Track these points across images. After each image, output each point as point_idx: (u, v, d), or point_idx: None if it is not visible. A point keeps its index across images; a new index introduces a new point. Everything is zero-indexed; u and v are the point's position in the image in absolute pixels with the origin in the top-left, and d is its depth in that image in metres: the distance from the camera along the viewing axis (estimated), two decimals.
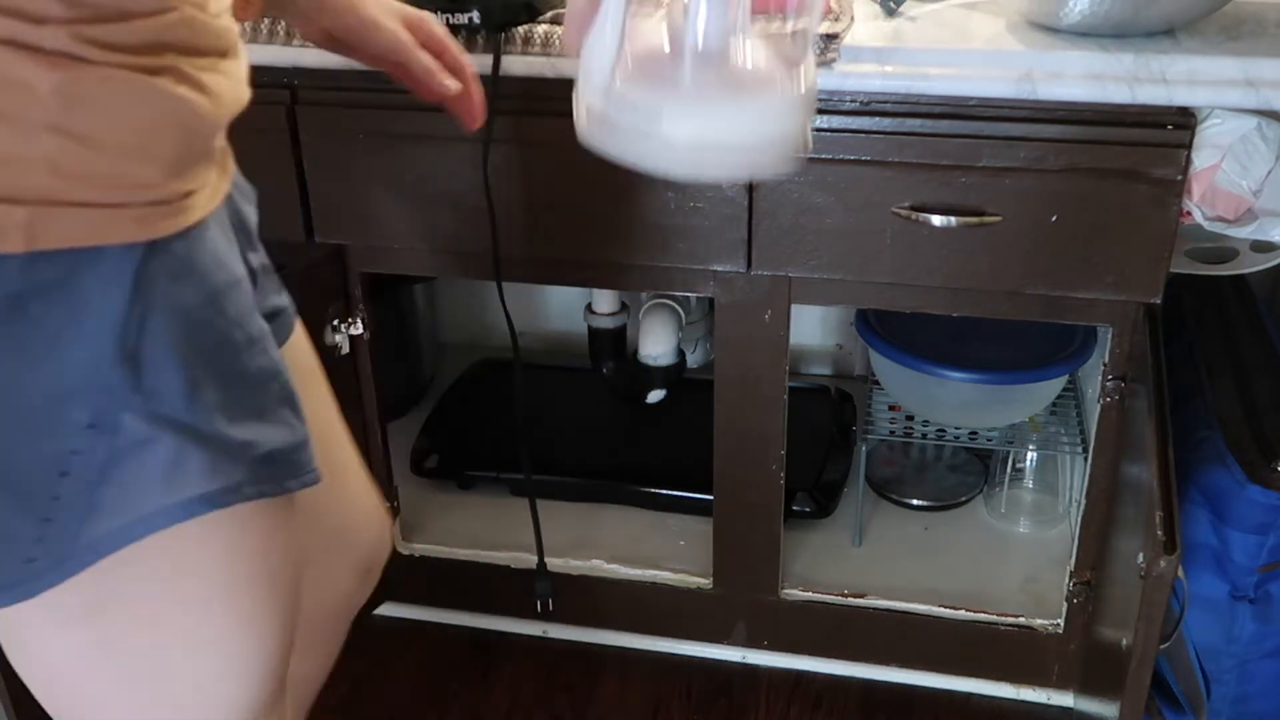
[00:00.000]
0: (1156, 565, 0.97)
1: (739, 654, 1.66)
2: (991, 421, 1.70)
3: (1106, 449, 1.40)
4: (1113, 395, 1.36)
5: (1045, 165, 1.23)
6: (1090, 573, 1.46)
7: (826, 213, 1.30)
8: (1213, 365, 1.50)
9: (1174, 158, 1.20)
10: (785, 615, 1.60)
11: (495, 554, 1.66)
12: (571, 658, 1.67)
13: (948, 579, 1.62)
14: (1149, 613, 0.99)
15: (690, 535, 1.69)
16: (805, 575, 1.62)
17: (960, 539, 1.72)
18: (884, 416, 1.74)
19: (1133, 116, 1.19)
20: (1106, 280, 1.27)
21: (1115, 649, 1.15)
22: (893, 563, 1.66)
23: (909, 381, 1.61)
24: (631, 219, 1.35)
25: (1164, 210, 1.22)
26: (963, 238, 1.27)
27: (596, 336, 1.83)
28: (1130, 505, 1.20)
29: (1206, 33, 1.23)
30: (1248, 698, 1.43)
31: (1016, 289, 1.31)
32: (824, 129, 1.26)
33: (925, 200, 1.26)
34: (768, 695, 1.62)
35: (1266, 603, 1.37)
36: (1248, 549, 1.34)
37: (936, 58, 1.20)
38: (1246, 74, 1.15)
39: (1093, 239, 1.25)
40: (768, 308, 1.38)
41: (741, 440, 1.48)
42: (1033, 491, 1.78)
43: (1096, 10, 1.17)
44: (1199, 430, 1.41)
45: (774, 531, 1.54)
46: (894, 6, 1.31)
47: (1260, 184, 1.24)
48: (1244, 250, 1.37)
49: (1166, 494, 1.02)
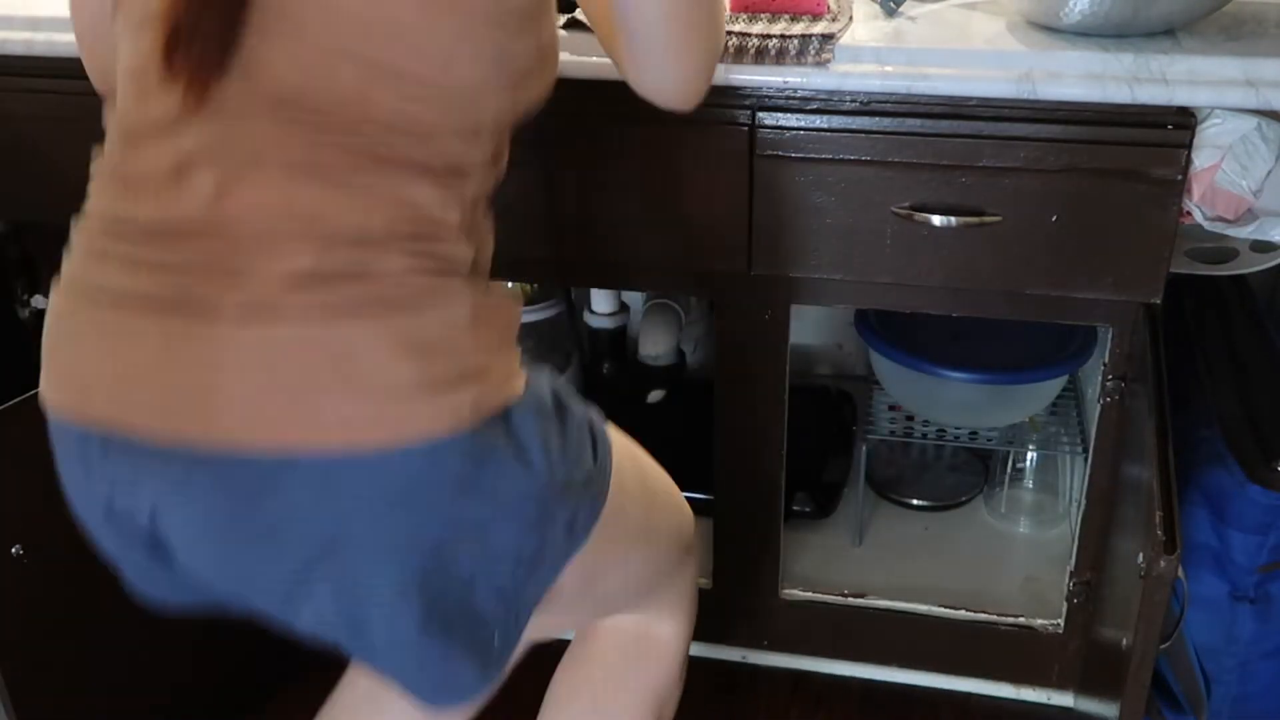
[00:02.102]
0: (1156, 565, 0.97)
1: (739, 654, 1.66)
2: (991, 421, 1.70)
3: (1106, 449, 1.40)
4: (1113, 395, 1.36)
5: (1045, 165, 1.23)
6: (1090, 573, 1.46)
7: (826, 213, 1.29)
8: (1213, 365, 1.50)
9: (1174, 158, 1.20)
10: (785, 615, 1.60)
11: None
12: None
13: (948, 579, 1.62)
14: (1149, 613, 0.99)
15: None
16: (805, 575, 1.62)
17: (960, 539, 1.72)
18: (884, 416, 1.74)
19: (1133, 116, 1.19)
20: (1106, 280, 1.27)
21: (1115, 649, 1.15)
22: (893, 563, 1.66)
23: (909, 381, 1.61)
24: (631, 219, 1.35)
25: (1164, 210, 1.22)
26: (963, 238, 1.27)
27: (596, 336, 1.83)
28: (1130, 505, 1.20)
29: (1206, 33, 1.23)
30: (1248, 698, 1.42)
31: (1016, 289, 1.30)
32: (824, 129, 1.26)
33: (925, 200, 1.26)
34: (768, 695, 1.62)
35: (1266, 603, 1.36)
36: (1248, 549, 1.34)
37: (936, 58, 1.20)
38: (1246, 74, 1.15)
39: (1093, 239, 1.25)
40: (768, 308, 1.38)
41: (741, 440, 1.48)
42: (1033, 491, 1.78)
43: (1096, 10, 1.17)
44: (1199, 430, 1.41)
45: (774, 531, 1.54)
46: (894, 6, 1.31)
47: (1260, 184, 1.24)
48: (1244, 250, 1.37)
49: (1166, 494, 1.02)
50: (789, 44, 1.20)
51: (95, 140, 0.89)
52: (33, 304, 1.62)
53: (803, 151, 1.27)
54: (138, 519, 0.84)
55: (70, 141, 1.41)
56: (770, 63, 1.21)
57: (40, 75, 1.40)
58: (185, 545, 0.85)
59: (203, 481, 0.80)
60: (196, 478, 0.80)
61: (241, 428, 0.78)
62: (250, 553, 0.83)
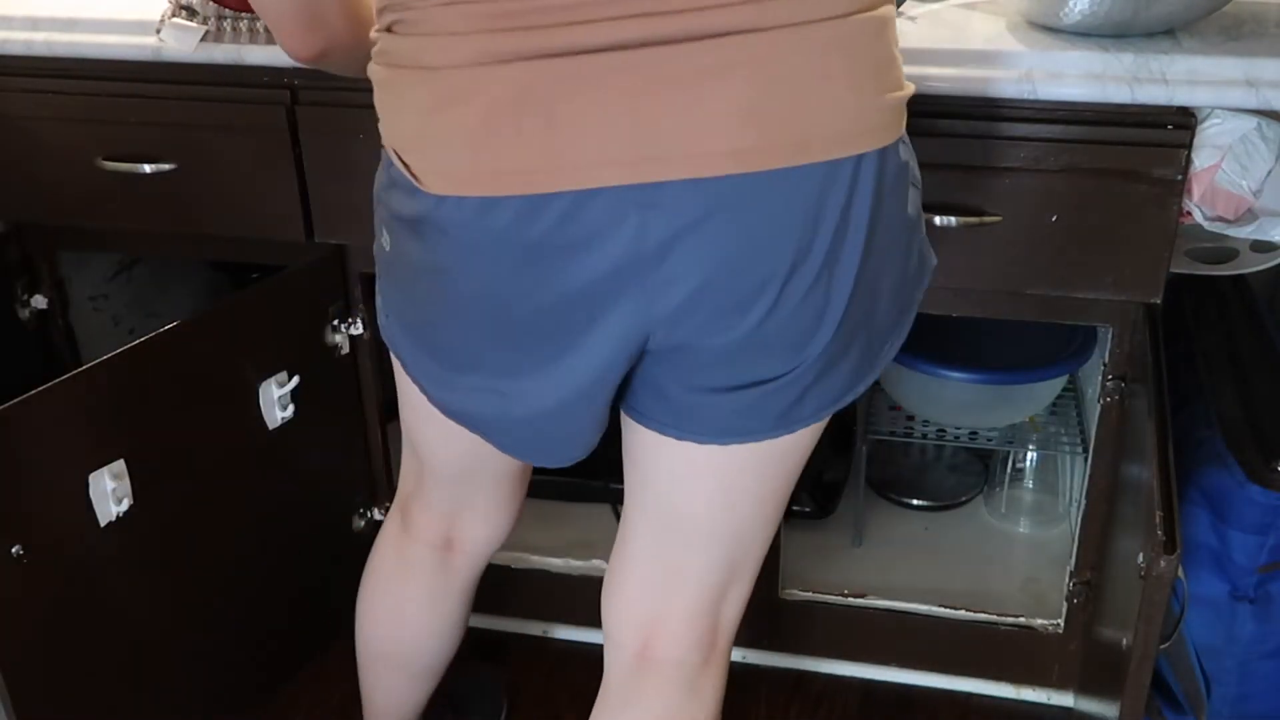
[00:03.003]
0: (1156, 565, 0.97)
1: (739, 654, 1.66)
2: (991, 421, 1.69)
3: (1106, 449, 1.40)
4: (1113, 395, 1.36)
5: (1045, 165, 1.22)
6: (1090, 573, 1.46)
7: None
8: (1213, 365, 1.50)
9: (1174, 158, 1.20)
10: (785, 615, 1.60)
11: (496, 554, 1.66)
12: (572, 658, 1.67)
13: (948, 579, 1.62)
14: (1149, 613, 0.99)
15: None
16: (805, 575, 1.62)
17: (960, 539, 1.72)
18: (884, 416, 1.74)
19: (1133, 116, 1.19)
20: (1106, 280, 1.27)
21: (1115, 649, 1.15)
22: (893, 563, 1.66)
23: (909, 381, 1.61)
24: None
25: (1164, 210, 1.22)
26: (963, 238, 1.27)
27: None
28: (1130, 505, 1.20)
29: (1206, 33, 1.23)
30: (1248, 698, 1.42)
31: (1016, 289, 1.30)
32: None
33: (925, 200, 1.26)
34: (768, 695, 1.62)
35: (1266, 603, 1.36)
36: (1248, 549, 1.34)
37: (936, 58, 1.20)
38: (1246, 74, 1.15)
39: (1093, 239, 1.25)
40: None
41: None
42: (1033, 491, 1.78)
43: (1096, 10, 1.17)
44: (1199, 430, 1.41)
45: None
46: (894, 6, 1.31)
47: (1260, 184, 1.24)
48: (1244, 250, 1.37)
49: (1166, 494, 1.02)
50: None
51: (95, 140, 0.88)
52: (33, 304, 1.62)
53: None
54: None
55: (70, 141, 1.42)
56: None
57: (40, 75, 1.40)
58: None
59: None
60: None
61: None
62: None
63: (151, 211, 1.45)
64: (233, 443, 1.42)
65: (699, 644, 1.10)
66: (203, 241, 1.51)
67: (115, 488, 1.25)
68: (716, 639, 1.11)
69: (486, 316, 0.91)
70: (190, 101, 1.38)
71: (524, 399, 0.94)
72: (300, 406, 1.45)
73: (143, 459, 1.28)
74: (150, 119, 1.40)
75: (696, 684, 1.11)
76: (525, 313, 0.88)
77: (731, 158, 0.80)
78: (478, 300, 0.90)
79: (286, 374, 1.44)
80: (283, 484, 1.50)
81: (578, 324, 0.88)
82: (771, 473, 1.03)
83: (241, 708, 1.54)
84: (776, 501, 1.07)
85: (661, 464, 1.02)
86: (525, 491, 1.27)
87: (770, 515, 1.07)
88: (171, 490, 1.33)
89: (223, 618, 1.46)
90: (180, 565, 1.38)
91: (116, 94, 1.39)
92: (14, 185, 1.48)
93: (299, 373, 1.44)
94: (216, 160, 1.39)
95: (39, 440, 1.19)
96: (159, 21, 1.34)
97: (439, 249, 0.89)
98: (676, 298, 0.85)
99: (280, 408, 1.44)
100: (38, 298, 1.62)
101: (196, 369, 1.35)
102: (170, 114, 1.39)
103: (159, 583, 1.36)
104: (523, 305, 0.88)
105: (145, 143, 1.40)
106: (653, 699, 1.10)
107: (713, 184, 0.81)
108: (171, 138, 1.40)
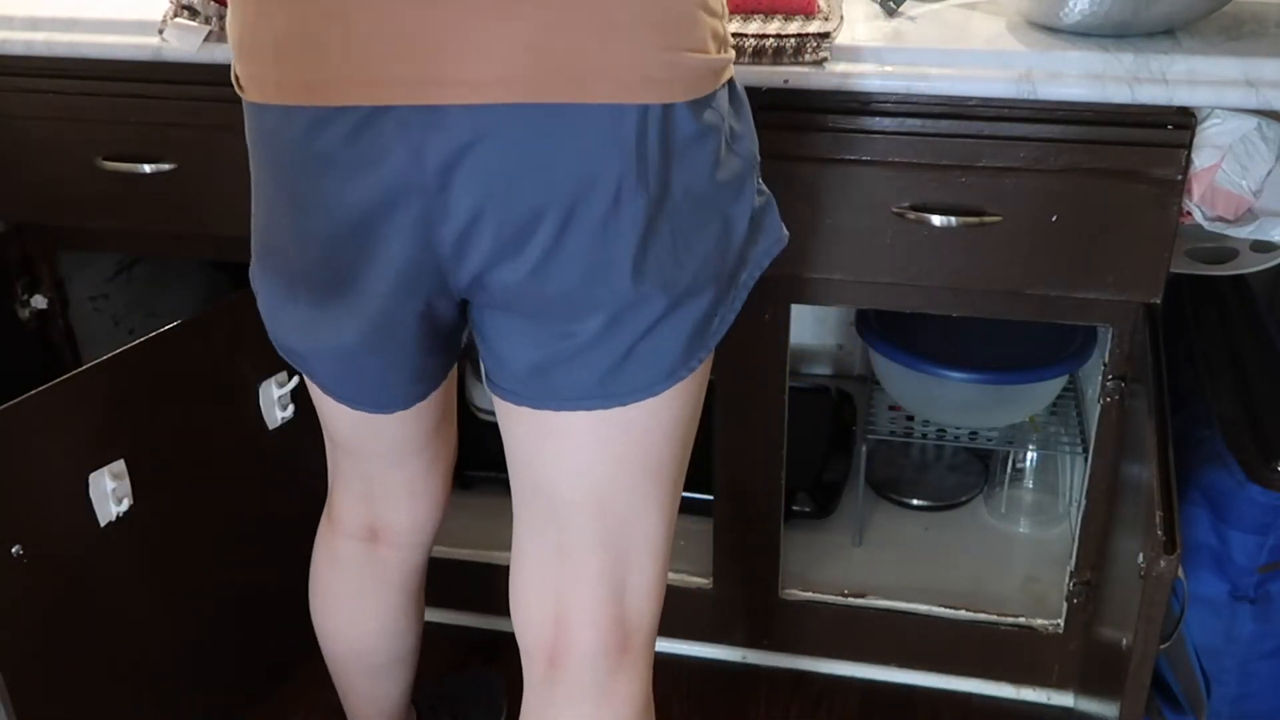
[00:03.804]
0: (1156, 565, 0.97)
1: (739, 654, 1.66)
2: (991, 421, 1.70)
3: (1106, 449, 1.40)
4: (1113, 395, 1.36)
5: (1045, 165, 1.23)
6: (1090, 573, 1.46)
7: (826, 213, 1.29)
8: (1213, 365, 1.50)
9: (1174, 158, 1.20)
10: (785, 615, 1.60)
11: (496, 554, 1.66)
12: None
13: (948, 579, 1.62)
14: (1149, 613, 0.99)
15: (690, 535, 1.68)
16: (805, 575, 1.62)
17: (960, 539, 1.72)
18: (884, 416, 1.74)
19: (1133, 116, 1.19)
20: (1106, 280, 1.27)
21: (1115, 649, 1.15)
22: (893, 563, 1.66)
23: (909, 381, 1.61)
24: None
25: (1164, 210, 1.22)
26: (963, 238, 1.27)
27: None
28: (1130, 505, 1.20)
29: (1206, 33, 1.23)
30: (1248, 698, 1.42)
31: (1016, 289, 1.30)
32: (824, 128, 1.26)
33: (925, 200, 1.26)
34: (768, 695, 1.62)
35: (1266, 603, 1.36)
36: (1248, 549, 1.34)
37: (936, 58, 1.20)
38: (1246, 74, 1.15)
39: (1093, 239, 1.25)
40: (767, 308, 1.38)
41: (741, 440, 1.48)
42: (1033, 491, 1.78)
43: (1096, 10, 1.17)
44: (1199, 430, 1.41)
45: (774, 531, 1.54)
46: (894, 6, 1.31)
47: (1260, 184, 1.24)
48: (1244, 250, 1.37)
49: (1166, 494, 1.02)
50: (785, 43, 1.20)
51: (95, 140, 0.89)
52: (33, 304, 1.62)
53: (803, 151, 1.27)
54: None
55: (70, 141, 1.42)
56: (768, 62, 1.21)
57: (40, 75, 1.40)
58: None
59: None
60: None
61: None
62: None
63: (151, 211, 1.45)
64: (233, 443, 1.42)
65: (605, 642, 1.03)
66: (203, 241, 1.51)
67: (115, 488, 1.25)
68: (628, 638, 1.04)
69: (293, 235, 0.92)
70: (190, 101, 1.38)
71: (329, 330, 0.96)
72: (300, 406, 1.45)
73: (143, 459, 1.28)
74: (150, 119, 1.40)
75: (609, 688, 1.04)
76: (321, 230, 0.90)
77: (502, 85, 0.81)
78: (287, 215, 0.92)
79: (286, 374, 1.44)
80: (283, 484, 1.50)
81: (364, 246, 0.89)
82: (635, 448, 0.98)
83: (240, 707, 1.54)
84: (654, 480, 1.01)
85: (522, 437, 1.00)
86: (445, 481, 1.24)
87: (651, 494, 1.01)
88: (171, 490, 1.33)
89: (222, 617, 1.46)
90: (180, 565, 1.38)
91: (116, 94, 1.39)
92: (14, 185, 1.49)
93: (299, 373, 1.44)
94: (216, 160, 1.39)
95: (39, 440, 1.19)
96: (161, 22, 1.33)
97: (256, 159, 0.93)
98: (456, 224, 0.86)
99: (280, 408, 1.44)
100: (38, 298, 1.62)
101: (196, 369, 1.35)
102: (170, 114, 1.39)
103: (159, 583, 1.36)
104: (319, 221, 0.90)
105: (145, 143, 1.40)
106: (561, 709, 1.06)
107: (487, 111, 0.82)
108: (171, 138, 1.40)
